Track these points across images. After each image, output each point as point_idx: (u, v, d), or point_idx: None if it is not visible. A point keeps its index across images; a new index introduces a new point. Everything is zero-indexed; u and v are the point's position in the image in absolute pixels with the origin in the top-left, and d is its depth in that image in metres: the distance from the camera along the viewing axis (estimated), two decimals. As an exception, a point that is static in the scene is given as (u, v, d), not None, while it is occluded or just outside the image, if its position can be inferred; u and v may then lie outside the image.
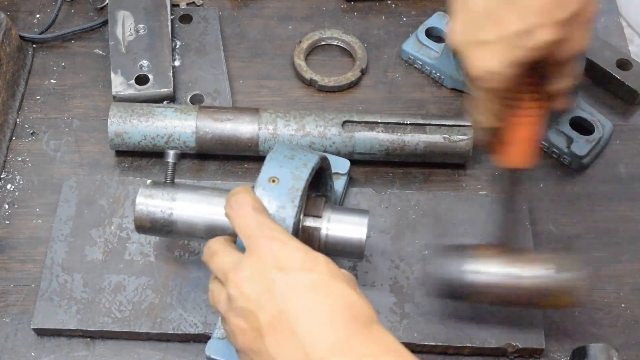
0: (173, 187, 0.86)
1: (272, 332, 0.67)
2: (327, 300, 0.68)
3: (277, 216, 0.77)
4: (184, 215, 0.84)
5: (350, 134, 1.01)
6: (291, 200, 0.77)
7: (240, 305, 0.69)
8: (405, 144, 1.01)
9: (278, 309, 0.67)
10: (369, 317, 0.68)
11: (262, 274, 0.69)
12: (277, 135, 1.00)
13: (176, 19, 1.17)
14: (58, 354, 0.89)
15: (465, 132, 1.01)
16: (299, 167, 0.80)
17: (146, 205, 0.85)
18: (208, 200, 0.84)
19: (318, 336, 0.66)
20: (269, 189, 0.78)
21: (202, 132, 1.00)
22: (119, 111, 1.01)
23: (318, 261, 0.70)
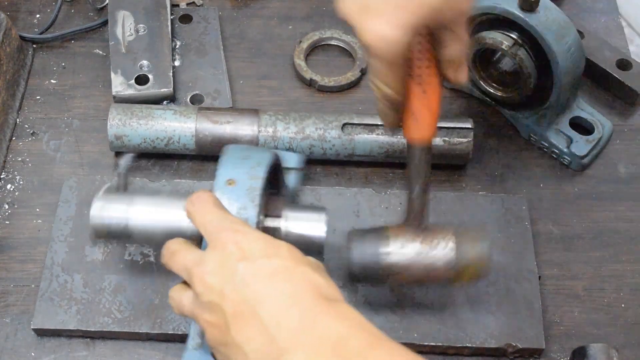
0: (127, 195, 0.84)
1: (237, 321, 0.67)
2: (290, 284, 0.68)
3: (239, 217, 0.76)
4: (139, 225, 0.83)
5: (350, 137, 1.01)
6: (251, 200, 0.77)
7: (206, 299, 0.69)
8: (405, 146, 1.01)
9: (241, 297, 0.67)
10: (333, 295, 0.68)
11: (225, 265, 0.69)
12: (277, 138, 1.00)
13: (176, 19, 1.17)
14: (58, 354, 0.89)
15: (466, 135, 1.01)
16: (254, 166, 0.80)
17: (100, 218, 0.83)
18: (162, 205, 0.83)
19: (282, 318, 0.66)
20: (227, 191, 0.78)
21: (201, 135, 1.00)
22: (119, 114, 1.01)
23: (280, 248, 0.70)
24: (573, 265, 0.97)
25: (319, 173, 1.04)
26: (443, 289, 0.92)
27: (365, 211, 0.98)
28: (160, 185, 0.99)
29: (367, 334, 0.66)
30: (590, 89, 1.13)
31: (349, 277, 0.85)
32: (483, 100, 1.11)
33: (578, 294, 0.95)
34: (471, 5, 0.79)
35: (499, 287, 0.93)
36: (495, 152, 1.07)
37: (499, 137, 1.08)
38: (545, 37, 0.96)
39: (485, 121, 1.10)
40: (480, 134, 1.08)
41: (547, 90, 1.03)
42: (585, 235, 1.00)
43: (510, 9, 0.97)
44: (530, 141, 1.07)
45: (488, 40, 1.01)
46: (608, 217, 1.01)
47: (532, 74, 1.00)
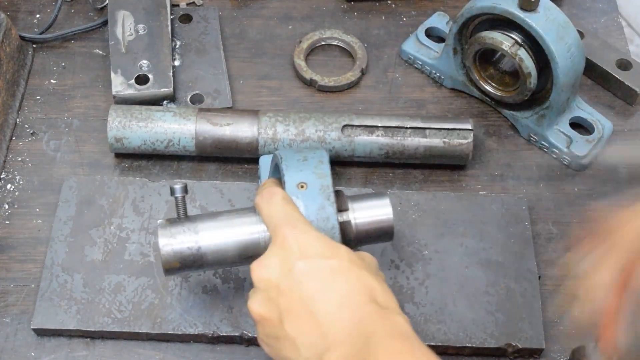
0: (190, 220, 0.82)
1: (291, 316, 0.69)
2: (345, 285, 0.69)
3: (319, 218, 0.77)
4: (212, 245, 0.80)
5: (350, 139, 1.01)
6: (327, 199, 0.78)
7: (262, 292, 0.72)
8: (404, 148, 1.01)
9: (297, 294, 0.69)
10: (388, 303, 0.70)
11: (284, 261, 0.71)
12: (277, 140, 1.00)
13: (176, 19, 1.17)
14: (58, 354, 0.89)
15: (465, 136, 1.01)
16: (317, 165, 0.80)
17: (171, 245, 0.80)
18: (230, 224, 0.81)
19: (335, 316, 0.68)
20: (301, 195, 0.78)
21: (201, 137, 1.00)
22: (118, 116, 1.01)
23: (338, 250, 0.72)
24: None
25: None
26: (443, 289, 0.92)
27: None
28: (160, 185, 0.99)
29: (402, 344, 0.67)
30: (590, 89, 1.13)
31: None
32: (483, 100, 1.11)
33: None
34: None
35: (499, 287, 0.93)
36: (495, 152, 1.07)
37: (499, 137, 1.08)
38: (545, 37, 0.96)
39: (485, 121, 1.10)
40: (480, 134, 1.08)
41: (547, 90, 1.03)
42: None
43: (510, 9, 0.97)
44: (530, 141, 1.07)
45: (488, 40, 1.01)
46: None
47: (532, 74, 1.00)
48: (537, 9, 0.97)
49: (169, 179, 1.02)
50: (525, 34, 0.99)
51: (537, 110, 1.04)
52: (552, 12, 0.98)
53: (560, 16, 0.98)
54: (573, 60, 0.98)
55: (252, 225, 0.80)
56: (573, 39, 0.98)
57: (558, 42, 0.97)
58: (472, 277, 0.93)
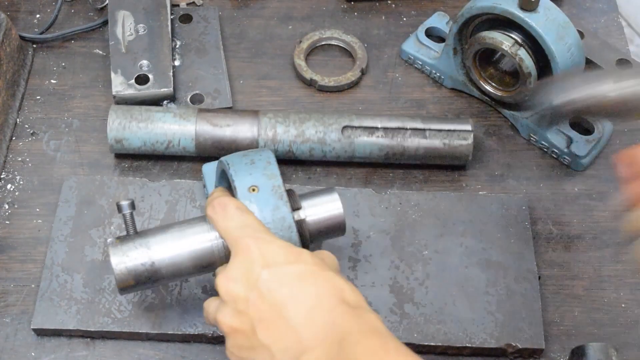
0: (141, 236, 0.81)
1: (264, 325, 0.69)
2: (314, 287, 0.70)
3: (275, 219, 0.77)
4: (166, 259, 0.79)
5: (350, 140, 1.01)
6: (280, 198, 0.78)
7: (230, 305, 0.72)
8: (405, 149, 1.01)
9: (267, 303, 0.69)
10: (356, 300, 0.70)
11: (249, 272, 0.71)
12: (277, 141, 1.00)
13: (176, 19, 1.17)
14: (58, 354, 0.89)
15: (465, 137, 1.01)
16: (266, 167, 0.80)
17: (124, 263, 0.79)
18: (181, 235, 0.80)
19: (307, 320, 0.68)
20: (254, 198, 0.77)
21: (201, 138, 1.00)
22: (118, 117, 1.01)
23: (302, 254, 0.72)
24: (573, 265, 0.97)
25: (319, 173, 1.04)
26: (443, 289, 0.92)
27: (365, 211, 0.98)
28: (160, 185, 0.99)
29: (376, 341, 0.67)
30: (590, 89, 1.13)
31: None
32: (483, 100, 1.11)
33: (578, 294, 0.95)
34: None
35: (499, 287, 0.93)
36: (495, 152, 1.07)
37: (499, 137, 1.08)
38: (545, 37, 0.96)
39: (485, 121, 1.10)
40: (480, 134, 1.08)
41: (547, 90, 1.03)
42: (585, 235, 1.00)
43: (510, 9, 0.97)
44: (530, 141, 1.07)
45: (488, 40, 1.01)
46: (608, 217, 1.01)
47: (532, 74, 1.00)
48: (537, 9, 0.97)
49: (169, 179, 1.02)
50: (525, 34, 0.99)
51: (537, 110, 1.04)
52: (552, 12, 0.98)
53: (560, 16, 0.98)
54: (573, 60, 0.98)
55: (203, 234, 0.80)
56: (573, 39, 0.98)
57: (558, 42, 0.97)
58: (472, 277, 0.93)
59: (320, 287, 0.70)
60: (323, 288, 0.70)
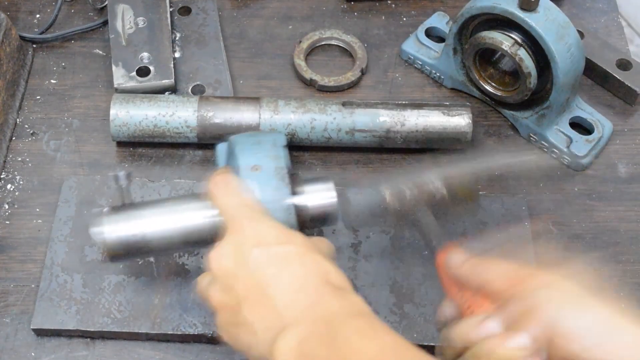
0: (135, 207, 0.82)
1: (249, 302, 0.70)
2: (301, 269, 0.71)
3: (274, 199, 0.77)
4: (157, 232, 0.80)
5: (351, 110, 1.01)
6: (281, 180, 0.78)
7: (220, 281, 0.73)
8: (405, 118, 1.01)
9: (254, 280, 0.70)
10: (342, 284, 0.71)
11: (241, 249, 0.72)
12: (279, 111, 1.01)
13: (175, 11, 1.18)
14: (58, 354, 0.89)
15: (464, 116, 1.02)
16: (271, 148, 0.81)
17: (116, 232, 0.80)
18: (174, 209, 0.81)
19: (291, 299, 0.69)
20: (255, 177, 0.78)
21: (203, 110, 1.01)
22: (121, 102, 1.02)
23: (294, 236, 0.74)
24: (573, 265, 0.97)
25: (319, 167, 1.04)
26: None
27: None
28: (160, 185, 0.99)
29: (363, 321, 0.68)
30: (590, 89, 1.13)
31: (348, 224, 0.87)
32: (483, 100, 1.11)
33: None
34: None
35: (498, 287, 0.92)
36: (496, 152, 1.07)
37: (499, 137, 1.08)
38: (545, 37, 0.96)
39: (485, 121, 1.10)
40: (480, 134, 1.08)
41: (547, 90, 1.03)
42: (585, 235, 1.00)
43: (510, 9, 0.97)
44: (531, 141, 1.07)
45: (488, 40, 1.01)
46: (608, 217, 1.01)
47: (532, 74, 1.00)
48: (537, 9, 0.97)
49: (169, 179, 1.02)
50: (525, 34, 0.99)
51: (537, 110, 1.04)
52: (552, 12, 0.98)
53: (560, 16, 0.98)
54: (573, 60, 0.98)
55: (196, 211, 0.80)
56: (573, 39, 0.98)
57: (558, 42, 0.97)
58: (472, 277, 0.93)
59: (307, 268, 0.71)
60: (309, 269, 0.71)
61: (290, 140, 1.02)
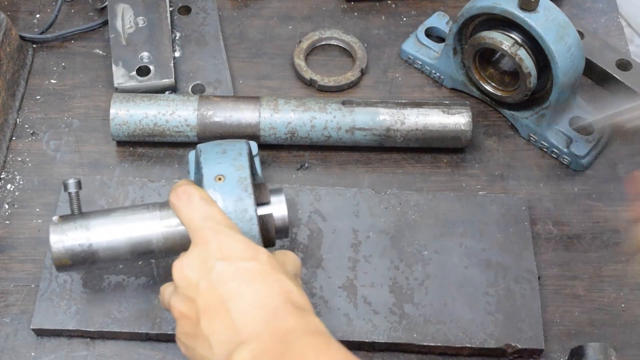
0: (83, 217, 0.82)
1: (207, 315, 0.70)
2: (262, 286, 0.71)
3: (237, 210, 0.77)
4: (104, 243, 0.81)
5: (351, 109, 1.01)
6: (244, 190, 0.78)
7: (182, 292, 0.73)
8: (405, 117, 1.01)
9: (215, 293, 0.70)
10: (303, 305, 0.71)
11: (205, 261, 0.72)
12: (279, 110, 1.01)
13: (175, 11, 1.18)
14: (58, 354, 0.89)
15: (464, 115, 1.02)
16: (236, 157, 0.80)
17: (62, 242, 0.80)
18: (123, 220, 0.81)
19: (249, 315, 0.69)
20: (218, 187, 0.78)
21: (203, 108, 1.01)
22: (122, 95, 1.02)
23: (259, 253, 0.73)
24: (573, 265, 0.97)
25: (317, 165, 1.04)
26: (443, 290, 0.92)
27: (365, 211, 0.98)
28: (160, 185, 0.99)
29: (318, 339, 0.68)
30: (590, 89, 1.13)
31: None
32: (483, 100, 1.11)
33: (578, 294, 0.95)
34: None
35: (498, 287, 0.93)
36: (495, 152, 1.07)
37: (499, 137, 1.08)
38: (545, 37, 0.96)
39: (485, 121, 1.10)
40: (480, 134, 1.08)
41: (547, 90, 1.03)
42: (585, 235, 0.99)
43: (510, 9, 0.97)
44: (530, 141, 1.07)
45: (488, 40, 1.01)
46: (608, 217, 1.01)
47: (532, 74, 1.00)
48: (537, 9, 0.97)
49: (169, 179, 1.02)
50: (525, 34, 0.99)
51: (537, 110, 1.04)
52: (552, 12, 0.98)
53: (560, 16, 0.98)
54: (573, 60, 0.98)
55: (144, 222, 0.81)
56: (573, 39, 0.98)
57: (558, 42, 0.97)
58: (471, 277, 0.93)
59: (268, 286, 0.71)
60: (270, 287, 0.71)
61: (290, 139, 1.02)
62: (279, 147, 1.05)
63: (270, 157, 1.05)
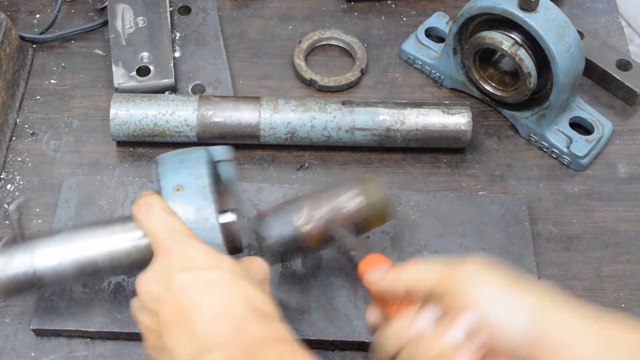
0: (27, 242, 0.79)
1: (170, 328, 0.69)
2: (225, 295, 0.70)
3: (198, 219, 0.76)
4: (48, 268, 0.78)
5: (351, 109, 1.01)
6: (204, 199, 0.77)
7: (146, 305, 0.72)
8: (405, 117, 1.01)
9: (177, 305, 0.69)
10: (268, 312, 0.70)
11: (167, 273, 0.71)
12: (278, 110, 1.01)
13: (175, 11, 1.18)
14: (58, 354, 0.89)
15: (464, 115, 1.02)
16: (195, 166, 0.79)
17: (5, 271, 0.78)
18: (67, 241, 0.79)
19: (212, 325, 0.68)
20: (178, 197, 0.77)
21: (203, 108, 1.01)
22: (122, 95, 1.02)
23: (222, 261, 0.72)
24: (573, 265, 0.97)
25: (317, 165, 1.04)
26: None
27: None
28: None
29: (284, 347, 0.68)
30: (590, 89, 1.13)
31: (268, 254, 0.84)
32: (483, 100, 1.11)
33: (578, 294, 0.95)
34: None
35: (498, 287, 0.92)
36: (495, 152, 1.07)
37: (499, 137, 1.08)
38: (545, 37, 0.96)
39: (485, 121, 1.10)
40: (480, 134, 1.08)
41: (547, 90, 1.03)
42: (585, 235, 1.00)
43: (510, 9, 0.97)
44: (530, 141, 1.07)
45: (488, 40, 1.01)
46: (608, 217, 1.01)
47: (532, 74, 1.00)
48: (537, 9, 0.97)
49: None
50: (525, 34, 0.99)
51: (537, 110, 1.04)
52: (552, 12, 0.98)
53: (560, 16, 0.98)
54: (573, 60, 0.98)
55: (87, 241, 0.79)
56: (573, 39, 0.98)
57: (558, 42, 0.97)
58: (472, 277, 0.93)
59: (231, 294, 0.70)
60: (234, 296, 0.70)
61: (290, 139, 1.02)
62: (279, 147, 1.05)
63: (270, 157, 1.05)
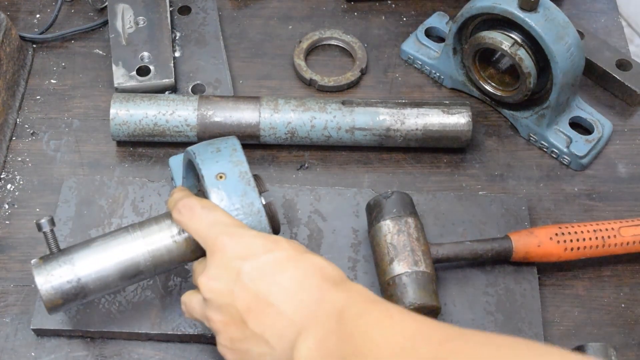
0: (64, 253, 0.80)
1: (253, 314, 0.70)
2: (297, 271, 0.71)
3: (244, 204, 0.77)
4: (92, 274, 0.79)
5: (351, 109, 1.01)
6: (248, 184, 0.78)
7: (217, 303, 0.72)
8: (405, 117, 1.01)
9: (252, 293, 0.70)
10: (339, 276, 0.71)
11: (229, 268, 0.72)
12: (279, 110, 1.01)
13: (175, 11, 1.18)
14: (58, 354, 0.89)
15: (464, 115, 1.02)
16: (232, 154, 0.80)
17: (49, 283, 0.78)
18: (105, 248, 0.80)
19: (295, 301, 0.69)
20: (222, 185, 0.78)
21: (203, 108, 1.01)
22: (122, 95, 1.02)
23: (278, 242, 0.73)
24: (573, 265, 0.97)
25: (317, 165, 1.04)
26: (443, 289, 0.92)
27: (365, 211, 0.98)
28: (160, 185, 0.99)
29: (365, 301, 0.68)
30: (590, 89, 1.13)
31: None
32: (483, 100, 1.11)
33: (578, 294, 0.95)
34: None
35: (498, 287, 0.93)
36: (495, 152, 1.07)
37: (499, 137, 1.08)
38: (545, 37, 0.96)
39: (485, 121, 1.10)
40: (480, 134, 1.08)
41: (547, 90, 1.03)
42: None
43: (510, 9, 0.97)
44: (530, 141, 1.07)
45: (488, 40, 1.01)
46: (608, 217, 1.01)
47: (532, 74, 1.00)
48: (537, 9, 0.97)
49: (169, 179, 1.02)
50: (525, 33, 0.99)
51: (537, 110, 1.04)
52: (552, 12, 0.98)
53: (560, 16, 0.98)
54: (573, 60, 0.98)
55: (127, 245, 0.80)
56: (573, 39, 0.98)
57: (558, 42, 0.97)
58: (471, 277, 0.93)
59: (301, 269, 0.71)
60: (304, 270, 0.71)
61: (290, 139, 1.02)
62: (279, 147, 1.05)
63: (270, 157, 1.05)
